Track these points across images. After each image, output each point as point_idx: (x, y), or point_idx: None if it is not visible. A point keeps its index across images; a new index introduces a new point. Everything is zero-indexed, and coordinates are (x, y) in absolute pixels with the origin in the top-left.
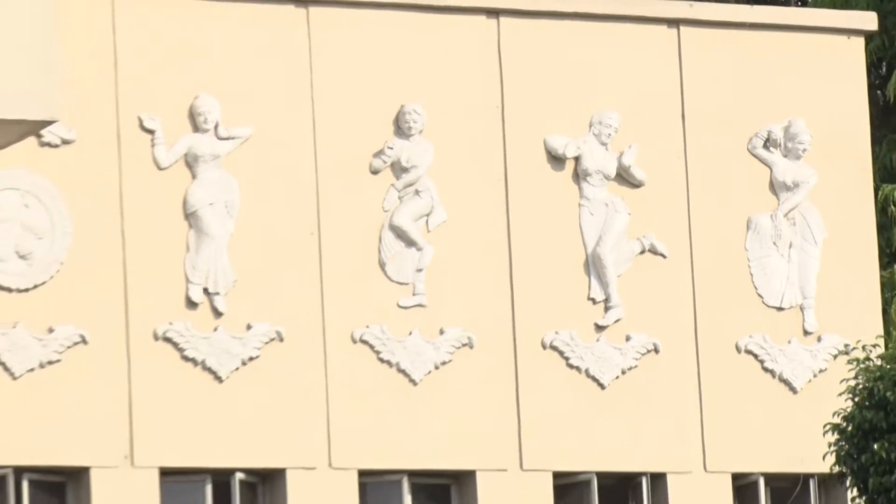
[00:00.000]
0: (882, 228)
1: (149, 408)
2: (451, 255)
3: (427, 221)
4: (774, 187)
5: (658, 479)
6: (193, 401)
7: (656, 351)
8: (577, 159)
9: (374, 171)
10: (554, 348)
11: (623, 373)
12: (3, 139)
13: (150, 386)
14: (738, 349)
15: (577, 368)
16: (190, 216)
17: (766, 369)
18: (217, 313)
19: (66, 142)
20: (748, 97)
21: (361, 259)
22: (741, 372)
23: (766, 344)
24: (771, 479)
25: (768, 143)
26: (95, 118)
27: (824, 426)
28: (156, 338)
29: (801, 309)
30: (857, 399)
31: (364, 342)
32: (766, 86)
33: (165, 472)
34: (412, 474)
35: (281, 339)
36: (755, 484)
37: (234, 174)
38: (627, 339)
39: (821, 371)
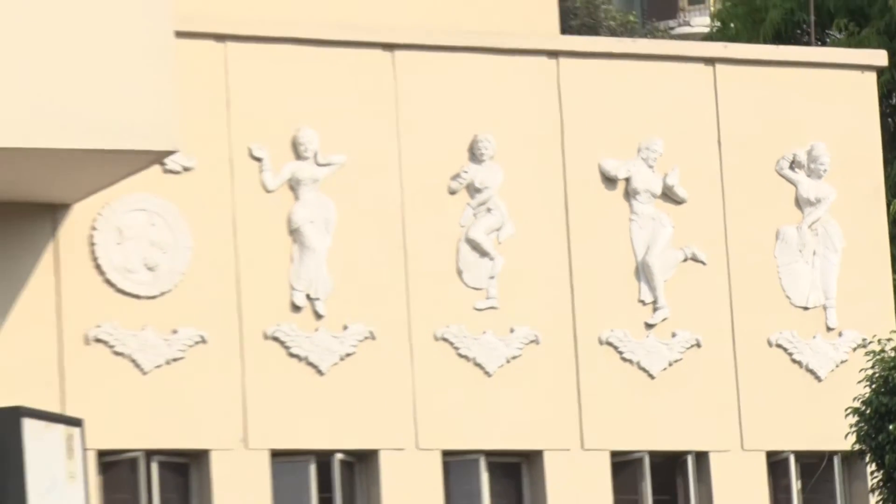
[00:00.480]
0: (893, 238)
1: (260, 398)
2: (519, 263)
3: (498, 235)
4: (799, 203)
5: (702, 457)
6: (298, 391)
7: (698, 345)
8: (627, 180)
9: (452, 192)
10: (609, 343)
11: (670, 364)
12: (133, 167)
13: (260, 379)
14: (769, 343)
15: (630, 361)
16: (293, 232)
17: (794, 361)
18: (318, 316)
19: (186, 169)
20: (775, 125)
21: (442, 268)
22: (772, 363)
23: (794, 339)
24: (800, 456)
25: (793, 164)
26: (211, 148)
27: (846, 410)
28: (265, 337)
29: (824, 308)
30: (874, 386)
31: (445, 340)
32: (790, 115)
33: (275, 454)
34: (488, 454)
35: (373, 338)
36: (786, 461)
37: (330, 196)
38: (673, 335)
39: (842, 362)
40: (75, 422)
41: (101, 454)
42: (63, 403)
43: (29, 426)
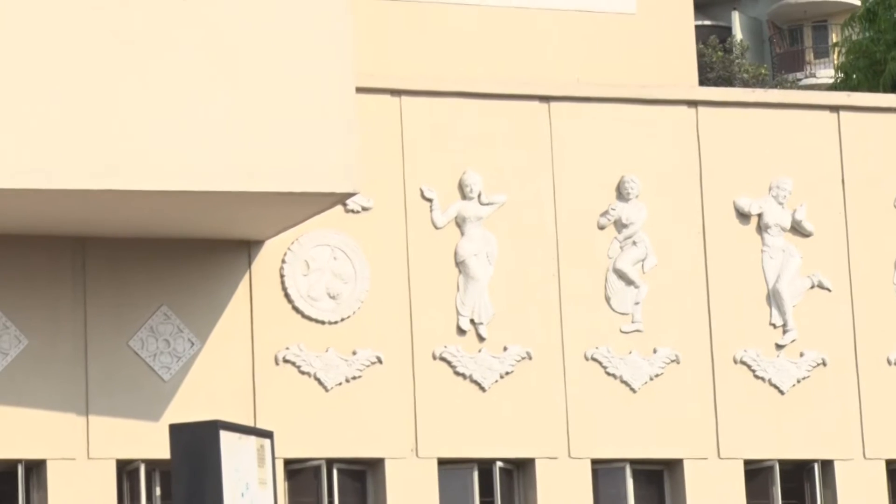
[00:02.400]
0: None
1: (429, 411)
2: (662, 291)
3: (642, 265)
4: None
5: (827, 465)
6: (463, 405)
7: (824, 364)
8: (759, 216)
9: (601, 227)
10: (743, 363)
11: (798, 381)
12: (318, 207)
13: (429, 395)
14: (888, 362)
15: (762, 378)
16: (460, 264)
17: None
18: (481, 338)
19: (365, 209)
20: (894, 164)
21: (592, 295)
22: (892, 379)
23: None
24: None
25: None
26: (387, 190)
27: None
28: (434, 358)
29: None
30: None
31: (594, 360)
32: None
33: (442, 462)
34: (633, 462)
35: (530, 358)
36: None
37: (492, 231)
38: (801, 355)
39: None
40: (266, 434)
41: (288, 462)
42: (255, 417)
43: (225, 438)
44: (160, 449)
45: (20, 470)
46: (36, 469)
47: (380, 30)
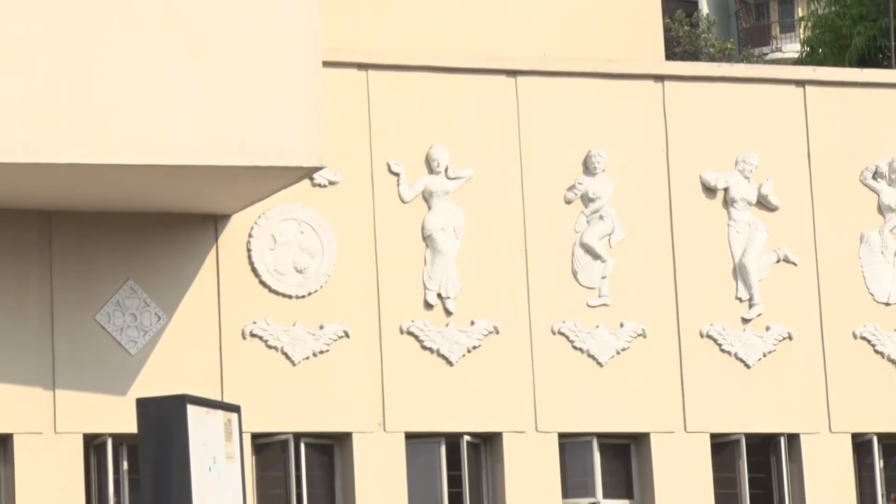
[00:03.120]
0: None
1: (396, 386)
2: (629, 265)
3: (609, 240)
4: (881, 209)
5: (793, 439)
6: (430, 380)
7: (790, 338)
8: (725, 190)
9: (568, 202)
10: (710, 337)
11: (764, 355)
12: (285, 181)
13: (397, 369)
14: (854, 336)
15: (728, 353)
16: (427, 238)
17: (877, 351)
18: (448, 313)
19: (332, 183)
20: (859, 139)
21: (558, 269)
22: (857, 354)
23: (877, 331)
24: (883, 437)
25: (876, 174)
26: (354, 164)
27: None
28: (401, 332)
29: None
30: None
31: (561, 334)
32: (873, 130)
33: (410, 436)
34: (600, 436)
35: (497, 333)
36: (870, 441)
37: (459, 206)
38: (767, 328)
39: None
40: (233, 408)
41: (256, 437)
42: (222, 391)
43: (192, 412)
44: (127, 423)
45: None
46: (2, 443)
47: (346, 3)
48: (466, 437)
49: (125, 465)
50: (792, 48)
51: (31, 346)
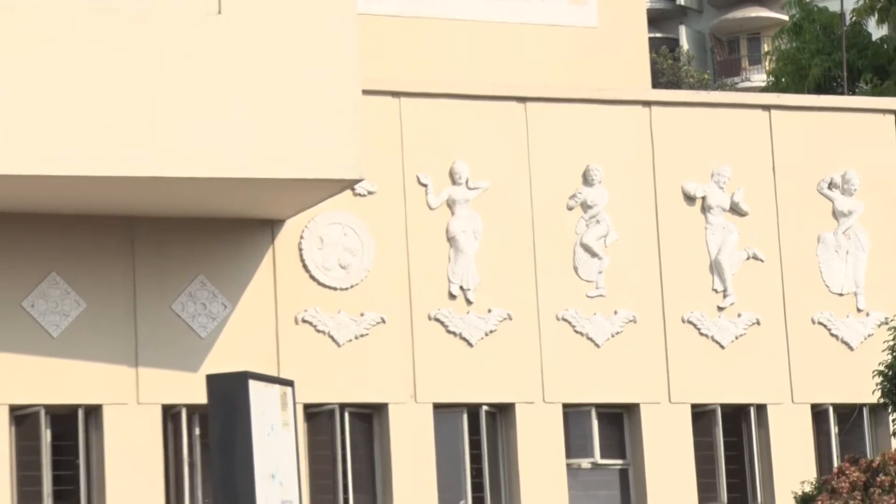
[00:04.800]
0: None
1: (425, 363)
2: (621, 262)
3: (605, 240)
4: (835, 214)
5: (761, 409)
6: (454, 358)
7: (758, 323)
8: (703, 198)
9: (570, 208)
10: (690, 322)
11: (737, 338)
12: (330, 191)
13: (426, 350)
14: (813, 321)
15: (706, 335)
16: (450, 239)
17: (832, 335)
18: (468, 302)
19: (370, 193)
20: (817, 155)
21: (562, 265)
22: (816, 337)
23: (832, 318)
24: (837, 407)
25: (831, 185)
26: (388, 177)
27: (872, 372)
28: (429, 318)
29: (855, 294)
30: (894, 353)
31: (565, 320)
32: (828, 148)
33: (437, 406)
34: (597, 406)
35: (510, 319)
36: (826, 411)
37: (478, 211)
38: (739, 315)
39: (869, 335)
40: (288, 382)
41: (307, 407)
42: (278, 368)
43: (253, 386)
44: (199, 395)
45: (80, 414)
46: (93, 413)
47: (382, 41)
48: (485, 407)
49: (197, 431)
50: (759, 78)
51: (118, 331)
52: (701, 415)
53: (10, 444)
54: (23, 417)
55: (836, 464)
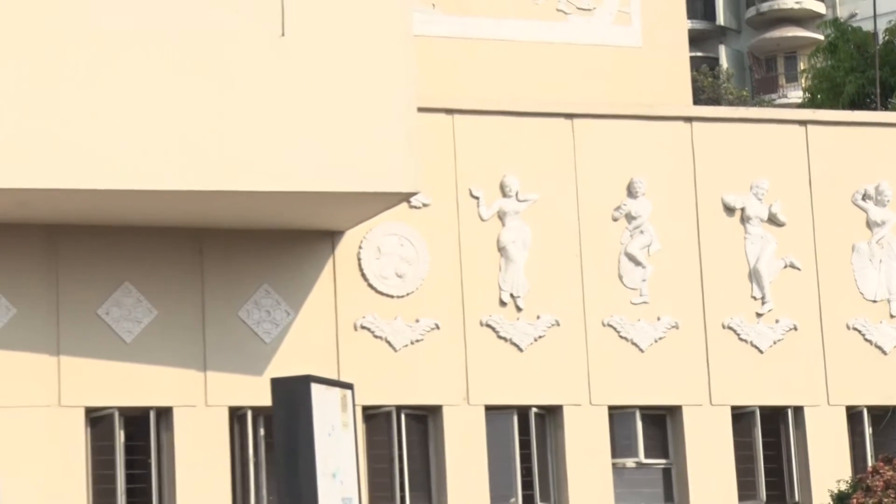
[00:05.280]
0: None
1: (477, 368)
2: (664, 270)
3: (648, 250)
4: (869, 225)
5: (798, 411)
6: (505, 363)
7: (795, 329)
8: (742, 209)
9: (615, 219)
10: (730, 328)
11: (775, 343)
12: (387, 204)
13: (478, 354)
14: (847, 327)
15: (745, 340)
16: (501, 249)
17: (866, 340)
18: (518, 309)
19: (424, 205)
20: (851, 168)
21: (607, 274)
22: (851, 341)
23: (866, 323)
24: (872, 409)
25: (864, 196)
26: (442, 190)
27: None
28: (481, 324)
29: (888, 301)
30: None
31: (610, 326)
32: (862, 160)
33: (488, 408)
34: (641, 408)
35: (558, 325)
36: (861, 413)
37: (527, 223)
38: (777, 321)
39: None
40: (347, 385)
41: (365, 409)
42: (339, 372)
43: (315, 389)
44: (263, 398)
45: (152, 415)
46: (164, 414)
47: (437, 61)
48: (534, 409)
49: (262, 432)
50: (795, 95)
51: (187, 336)
52: (741, 416)
53: (87, 445)
54: (98, 419)
55: (870, 463)
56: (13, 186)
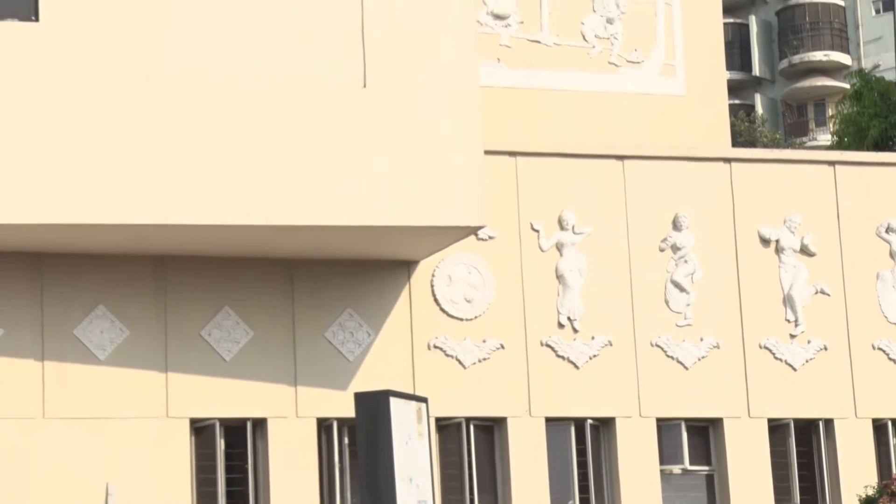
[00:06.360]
0: None
1: (538, 383)
2: (706, 296)
3: (692, 277)
4: (892, 255)
5: (829, 423)
6: (562, 379)
7: (826, 349)
8: (777, 241)
9: (661, 250)
10: (766, 348)
11: (807, 361)
12: (457, 236)
13: (539, 371)
14: (873, 347)
15: (780, 359)
16: (559, 277)
17: (890, 359)
18: (575, 330)
19: (490, 237)
20: (876, 203)
21: (655, 299)
22: (876, 360)
23: (890, 344)
24: (895, 421)
25: (888, 229)
26: (506, 224)
27: None
28: (541, 344)
29: None
30: None
31: (658, 346)
32: (886, 196)
33: (548, 420)
34: (687, 420)
35: (611, 345)
36: (886, 425)
37: (583, 253)
38: (809, 342)
39: None
40: (422, 399)
41: (438, 420)
42: (414, 387)
43: (393, 402)
44: (348, 410)
45: (249, 426)
46: (260, 425)
47: (501, 109)
48: (589, 421)
49: (346, 441)
50: (824, 138)
51: (280, 355)
52: (776, 428)
53: (191, 452)
54: (201, 429)
55: (894, 471)
56: (129, 222)
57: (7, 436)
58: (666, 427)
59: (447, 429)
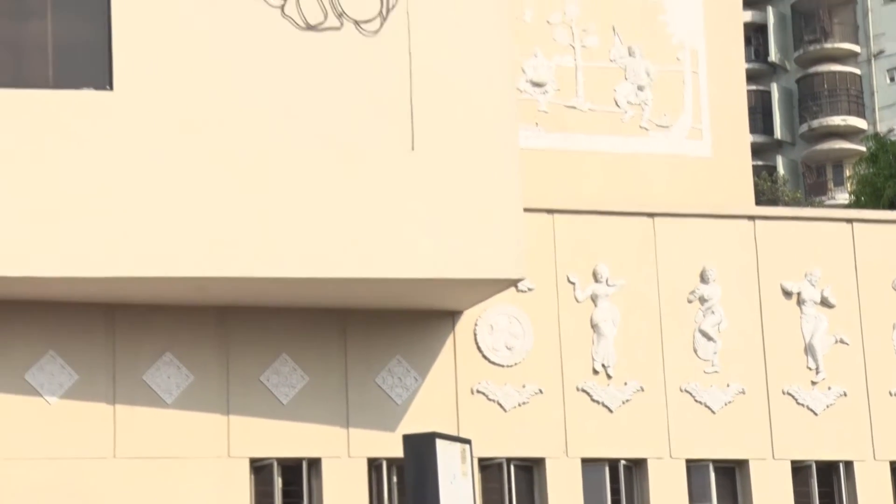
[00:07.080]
0: None
1: (575, 426)
2: (732, 345)
3: (719, 327)
4: None
5: (849, 465)
6: (597, 422)
7: (845, 395)
8: (798, 293)
9: (689, 301)
10: (789, 394)
11: (827, 406)
12: (498, 288)
13: (574, 415)
14: (890, 394)
15: (802, 405)
16: (594, 326)
17: None
18: (608, 377)
19: (529, 289)
20: (891, 259)
21: (684, 347)
22: (893, 406)
23: None
24: None
25: None
26: (544, 277)
27: None
28: (577, 389)
29: None
30: None
31: (687, 391)
32: None
33: (584, 460)
34: (714, 461)
35: (642, 390)
36: None
37: (616, 304)
38: (829, 388)
39: None
40: (466, 441)
41: (481, 460)
42: (458, 429)
43: (439, 443)
44: (396, 451)
45: (304, 465)
46: (314, 464)
47: (539, 169)
48: (623, 462)
49: (395, 479)
50: (842, 197)
51: (333, 398)
52: (799, 469)
53: (251, 490)
54: (260, 468)
55: None
56: (193, 275)
57: (81, 474)
58: (695, 468)
59: (489, 469)
